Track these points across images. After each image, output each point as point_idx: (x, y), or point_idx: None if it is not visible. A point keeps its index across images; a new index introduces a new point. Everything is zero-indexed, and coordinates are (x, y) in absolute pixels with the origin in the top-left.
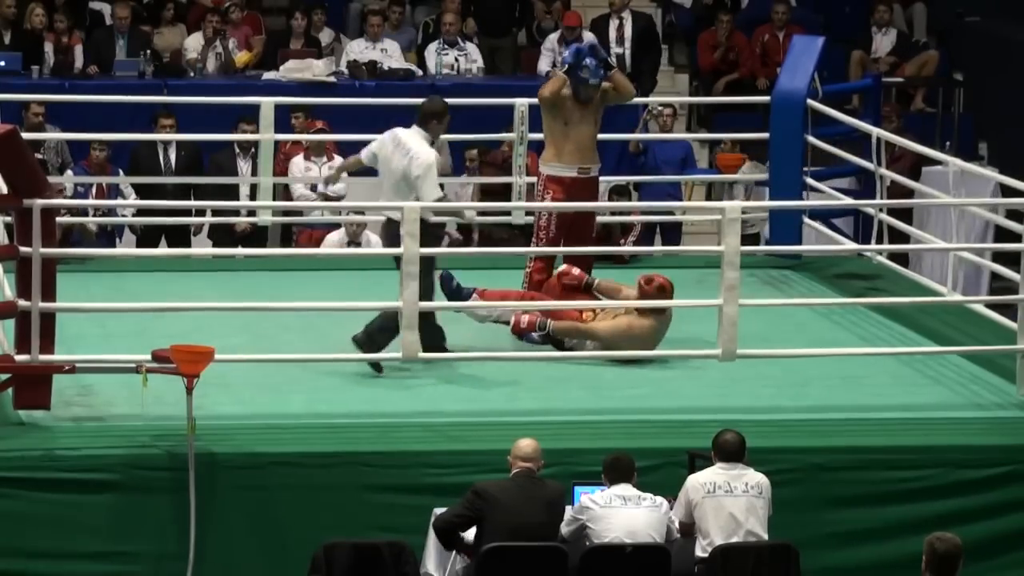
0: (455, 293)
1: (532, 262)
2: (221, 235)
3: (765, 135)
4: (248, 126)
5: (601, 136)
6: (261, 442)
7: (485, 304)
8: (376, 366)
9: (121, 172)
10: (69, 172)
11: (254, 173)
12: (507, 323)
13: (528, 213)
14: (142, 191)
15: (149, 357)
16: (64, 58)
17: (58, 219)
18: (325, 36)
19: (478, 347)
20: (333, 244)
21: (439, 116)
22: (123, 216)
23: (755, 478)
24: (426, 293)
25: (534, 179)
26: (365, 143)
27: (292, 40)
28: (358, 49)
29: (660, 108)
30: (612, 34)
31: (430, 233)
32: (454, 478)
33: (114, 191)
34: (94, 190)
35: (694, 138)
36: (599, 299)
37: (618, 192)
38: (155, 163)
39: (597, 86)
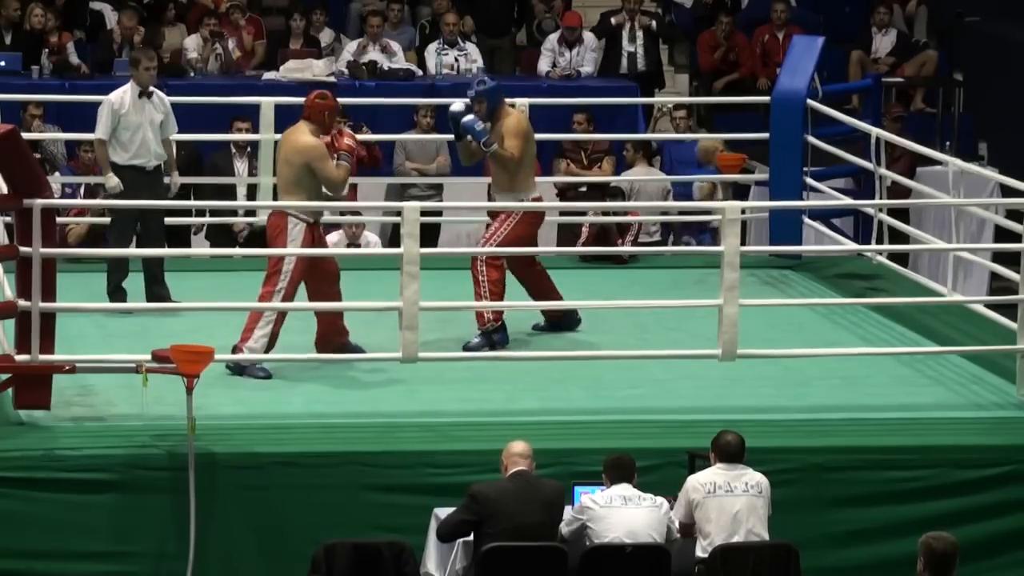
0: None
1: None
2: (219, 235)
3: (765, 135)
4: (242, 124)
5: (603, 136)
6: (261, 442)
7: (483, 305)
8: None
9: None
10: (57, 173)
11: (251, 173)
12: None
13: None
14: None
15: (149, 357)
16: (58, 57)
17: (71, 221)
18: (325, 36)
19: None
20: (332, 245)
21: (135, 63)
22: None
23: (755, 477)
24: (119, 239)
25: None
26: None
27: (292, 40)
28: (358, 49)
29: (670, 108)
30: (625, 33)
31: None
32: (454, 478)
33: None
34: (82, 190)
35: (693, 138)
36: None
37: (611, 193)
38: None
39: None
